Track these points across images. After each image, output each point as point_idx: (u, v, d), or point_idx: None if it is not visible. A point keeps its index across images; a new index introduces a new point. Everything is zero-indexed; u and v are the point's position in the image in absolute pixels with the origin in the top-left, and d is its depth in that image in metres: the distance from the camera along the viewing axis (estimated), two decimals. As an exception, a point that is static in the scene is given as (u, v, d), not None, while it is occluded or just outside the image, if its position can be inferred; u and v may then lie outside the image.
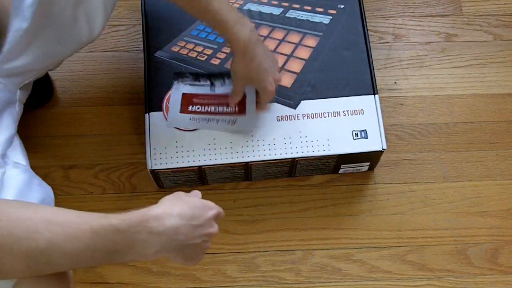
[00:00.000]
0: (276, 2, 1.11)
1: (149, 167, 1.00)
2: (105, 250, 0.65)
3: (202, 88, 1.02)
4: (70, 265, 0.67)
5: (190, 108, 1.01)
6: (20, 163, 0.83)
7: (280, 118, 1.03)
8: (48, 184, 0.84)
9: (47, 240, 0.62)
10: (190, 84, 1.02)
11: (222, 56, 1.07)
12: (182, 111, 1.01)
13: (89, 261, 0.66)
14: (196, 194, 0.78)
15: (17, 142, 0.86)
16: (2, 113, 0.82)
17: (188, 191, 1.09)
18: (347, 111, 1.03)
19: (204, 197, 1.09)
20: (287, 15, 1.10)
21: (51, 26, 0.83)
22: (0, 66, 0.81)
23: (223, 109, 1.00)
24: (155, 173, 1.01)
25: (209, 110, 1.00)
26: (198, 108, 1.00)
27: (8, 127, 0.83)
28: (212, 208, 0.75)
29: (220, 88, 1.02)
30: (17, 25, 0.79)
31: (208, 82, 1.02)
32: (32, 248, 0.62)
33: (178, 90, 1.02)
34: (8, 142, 0.82)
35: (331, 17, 1.10)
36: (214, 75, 1.03)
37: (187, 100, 1.01)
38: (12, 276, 0.65)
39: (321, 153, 1.01)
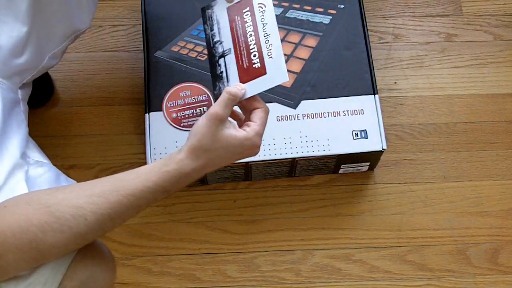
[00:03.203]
0: (276, 2, 1.11)
1: (149, 167, 0.99)
2: (147, 203, 0.69)
3: None
4: (118, 225, 0.69)
5: None
6: (43, 161, 0.84)
7: (280, 118, 1.03)
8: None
9: (93, 212, 0.65)
10: None
11: (222, 56, 1.07)
12: None
13: (136, 213, 0.69)
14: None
15: (31, 141, 0.87)
16: (10, 113, 0.82)
17: (189, 191, 1.10)
18: (347, 111, 1.03)
19: (204, 197, 1.11)
20: (287, 15, 1.10)
21: (45, 22, 0.84)
22: (3, 67, 0.81)
23: None
24: (155, 173, 1.01)
25: None
26: None
27: (20, 126, 0.84)
28: (253, 147, 0.73)
29: None
30: (17, 31, 0.80)
31: None
32: (81, 224, 0.64)
33: None
34: (24, 141, 0.83)
35: (331, 17, 1.10)
36: None
37: None
38: (64, 253, 0.67)
39: (321, 153, 1.01)
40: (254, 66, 0.77)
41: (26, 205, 0.65)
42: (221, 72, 0.79)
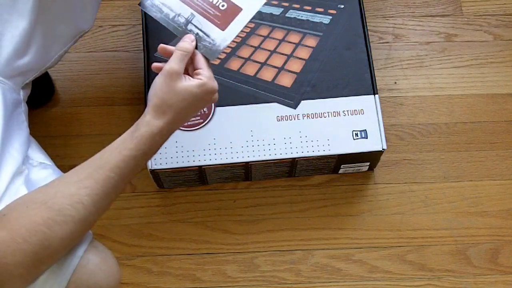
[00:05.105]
0: (276, 2, 1.11)
1: (149, 167, 1.00)
2: (133, 171, 0.72)
3: None
4: (113, 199, 0.72)
5: None
6: (46, 163, 0.84)
7: (280, 118, 1.03)
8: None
9: (87, 195, 0.67)
10: None
11: (222, 56, 1.07)
12: None
13: (126, 183, 0.72)
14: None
15: (33, 142, 0.87)
16: (12, 115, 0.82)
17: (188, 191, 1.10)
18: (347, 111, 1.03)
19: (204, 197, 1.11)
20: (287, 15, 1.10)
21: (49, 22, 0.84)
22: (6, 67, 0.81)
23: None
24: (155, 173, 1.01)
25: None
26: None
27: (21, 128, 0.84)
28: (208, 93, 0.76)
29: None
30: (21, 31, 0.80)
31: None
32: (80, 209, 0.66)
33: None
34: (26, 144, 0.83)
35: (331, 17, 1.10)
36: None
37: None
38: (72, 244, 0.69)
39: (321, 153, 1.01)
40: (223, 9, 0.81)
41: (25, 208, 0.65)
42: (197, 34, 0.81)
